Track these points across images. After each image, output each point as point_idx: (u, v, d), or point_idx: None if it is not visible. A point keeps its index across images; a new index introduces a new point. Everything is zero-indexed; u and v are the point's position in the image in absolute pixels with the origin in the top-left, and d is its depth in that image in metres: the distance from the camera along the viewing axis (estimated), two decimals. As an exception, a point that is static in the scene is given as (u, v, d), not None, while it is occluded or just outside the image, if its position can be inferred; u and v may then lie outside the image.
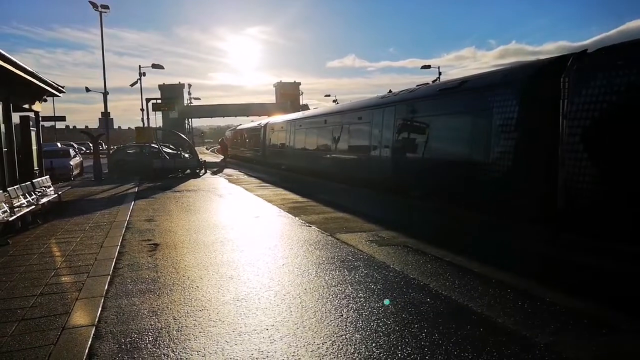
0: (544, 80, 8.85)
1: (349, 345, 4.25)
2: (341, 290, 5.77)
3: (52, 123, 53.73)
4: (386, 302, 5.32)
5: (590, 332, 4.47)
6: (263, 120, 36.13)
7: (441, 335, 4.42)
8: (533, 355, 3.98)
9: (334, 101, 62.48)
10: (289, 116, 29.16)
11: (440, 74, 43.00)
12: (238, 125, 47.11)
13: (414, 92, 14.51)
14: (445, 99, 12.18)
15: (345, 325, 4.70)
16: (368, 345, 4.26)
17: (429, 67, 42.46)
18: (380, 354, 4.08)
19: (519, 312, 4.93)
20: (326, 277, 6.32)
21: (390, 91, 17.67)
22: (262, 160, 31.47)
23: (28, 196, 12.01)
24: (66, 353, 4.22)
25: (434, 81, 32.91)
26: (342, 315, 4.97)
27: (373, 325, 4.68)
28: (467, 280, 6.07)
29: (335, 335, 4.47)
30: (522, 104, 9.33)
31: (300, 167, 23.75)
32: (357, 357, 4.04)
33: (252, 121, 45.09)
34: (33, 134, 17.16)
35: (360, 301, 5.39)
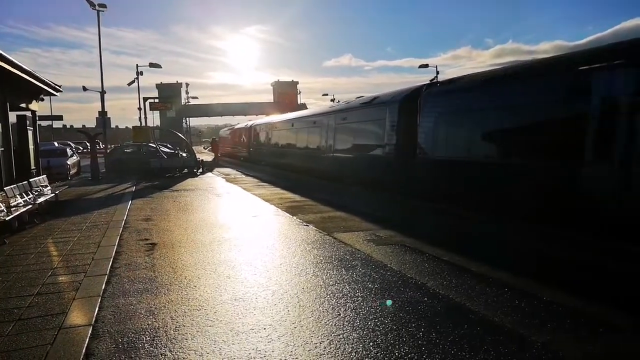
0: (410, 101, 13.51)
1: (346, 345, 4.25)
2: (339, 290, 5.77)
3: (49, 122, 53.54)
4: (388, 302, 5.30)
5: (588, 331, 4.48)
6: (249, 122, 39.87)
7: (438, 334, 4.42)
8: (530, 354, 3.99)
9: (331, 100, 62.52)
10: (267, 119, 34.47)
11: (437, 73, 42.99)
12: (236, 125, 48.27)
13: (349, 103, 19.46)
14: (363, 110, 16.80)
15: (343, 325, 4.70)
16: (365, 344, 4.26)
17: (426, 66, 42.45)
18: (377, 353, 4.08)
19: (517, 311, 4.94)
20: (324, 277, 6.32)
21: (338, 101, 24.29)
22: (248, 157, 35.60)
23: (25, 196, 11.98)
24: (63, 353, 4.20)
25: (431, 80, 33.71)
26: (339, 315, 4.97)
27: (370, 325, 4.68)
28: (464, 279, 6.08)
29: (332, 335, 4.47)
30: (399, 115, 14.06)
31: (275, 163, 27.65)
32: (355, 356, 4.04)
33: (250, 120, 46.73)
34: (30, 133, 17.14)
35: (357, 300, 5.39)
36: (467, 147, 11.05)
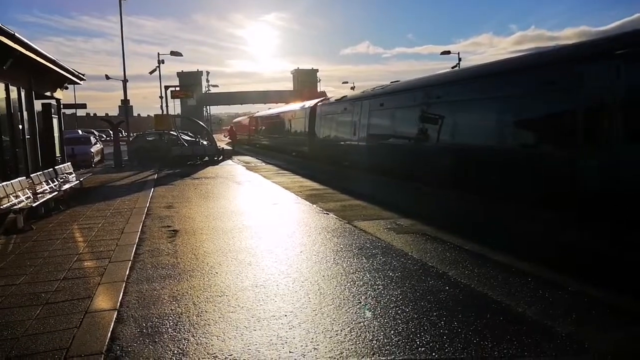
0: (315, 108, 24.17)
1: (367, 332, 4.25)
2: (359, 278, 5.77)
3: (73, 110, 54.40)
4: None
5: (612, 321, 4.39)
6: (255, 113, 49.87)
7: (460, 323, 4.39)
8: (554, 345, 3.93)
9: (351, 88, 62.02)
10: (261, 113, 45.73)
11: (460, 59, 42.27)
12: (256, 113, 50.06)
13: (295, 106, 30.66)
14: (298, 111, 27.90)
15: (364, 312, 4.70)
16: (386, 332, 4.25)
17: (449, 52, 41.91)
18: (398, 341, 4.07)
19: (540, 301, 4.87)
20: (344, 265, 6.32)
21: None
22: (250, 142, 44.97)
23: (51, 182, 12.23)
24: (89, 336, 4.30)
25: (453, 67, 34.32)
26: (360, 302, 4.97)
27: (391, 313, 4.67)
28: (486, 268, 6.01)
29: (353, 322, 4.48)
30: (310, 116, 24.56)
31: (262, 145, 38.53)
32: (375, 344, 4.04)
33: (269, 108, 48.75)
34: (55, 121, 17.45)
35: (378, 288, 5.38)
36: (330, 135, 21.73)
